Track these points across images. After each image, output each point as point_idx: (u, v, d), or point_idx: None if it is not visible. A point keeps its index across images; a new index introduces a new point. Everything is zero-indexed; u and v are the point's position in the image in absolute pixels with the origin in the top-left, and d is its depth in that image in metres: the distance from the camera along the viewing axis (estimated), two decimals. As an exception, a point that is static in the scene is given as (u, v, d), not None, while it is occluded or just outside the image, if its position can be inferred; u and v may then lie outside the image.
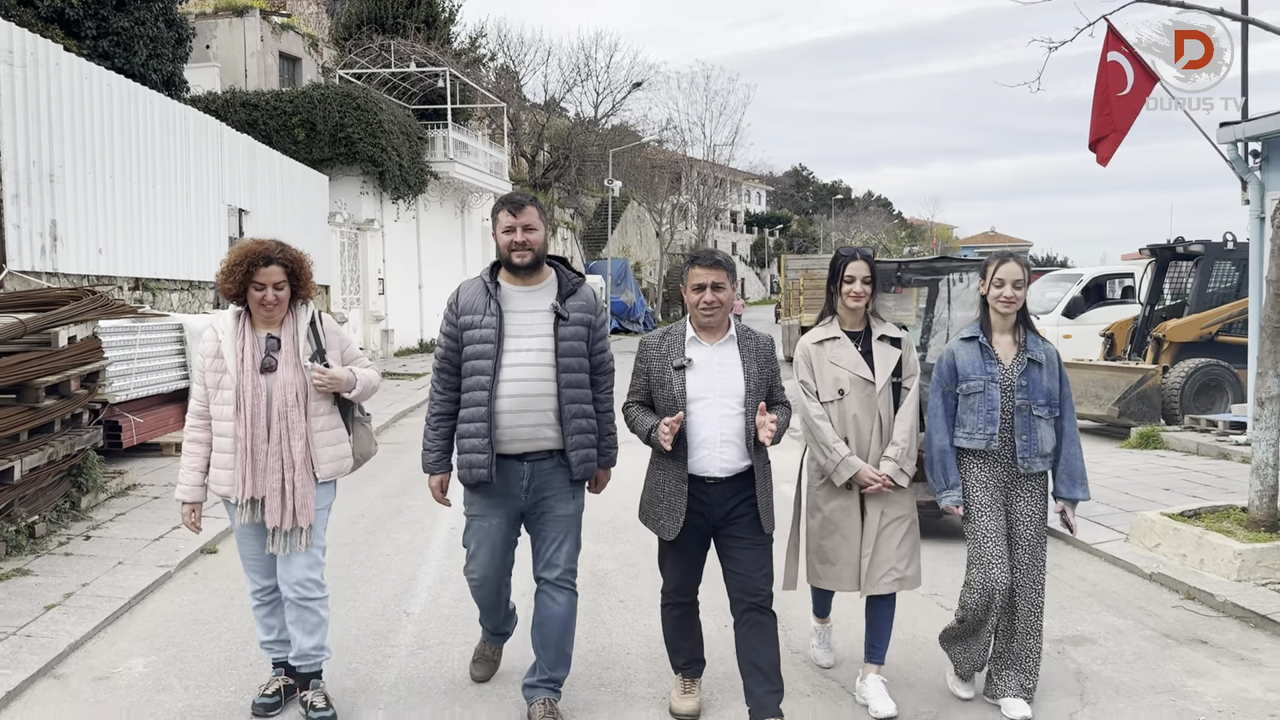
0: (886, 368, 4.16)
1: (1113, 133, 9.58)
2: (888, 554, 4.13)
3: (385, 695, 4.35)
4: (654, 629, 5.19)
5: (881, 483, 4.08)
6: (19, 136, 9.91)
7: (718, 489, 3.91)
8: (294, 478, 3.93)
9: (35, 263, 10.18)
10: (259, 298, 3.92)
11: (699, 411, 3.89)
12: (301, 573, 4.01)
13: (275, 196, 17.26)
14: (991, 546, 4.07)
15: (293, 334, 4.01)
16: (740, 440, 3.90)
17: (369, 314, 22.45)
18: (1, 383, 6.20)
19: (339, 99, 21.57)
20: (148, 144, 12.65)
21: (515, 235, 3.90)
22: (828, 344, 4.22)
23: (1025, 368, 4.10)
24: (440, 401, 4.02)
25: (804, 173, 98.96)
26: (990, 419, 4.07)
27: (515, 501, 3.96)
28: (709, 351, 3.95)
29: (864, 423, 4.15)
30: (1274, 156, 9.59)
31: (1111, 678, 4.56)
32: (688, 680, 4.19)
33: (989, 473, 4.13)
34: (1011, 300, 4.10)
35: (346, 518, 7.44)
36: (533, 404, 3.88)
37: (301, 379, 3.97)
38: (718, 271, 3.91)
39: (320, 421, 4.03)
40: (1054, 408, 4.12)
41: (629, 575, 6.09)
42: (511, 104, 36.69)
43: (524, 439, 3.89)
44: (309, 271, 4.08)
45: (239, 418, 3.90)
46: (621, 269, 40.98)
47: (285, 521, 3.93)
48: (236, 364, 3.92)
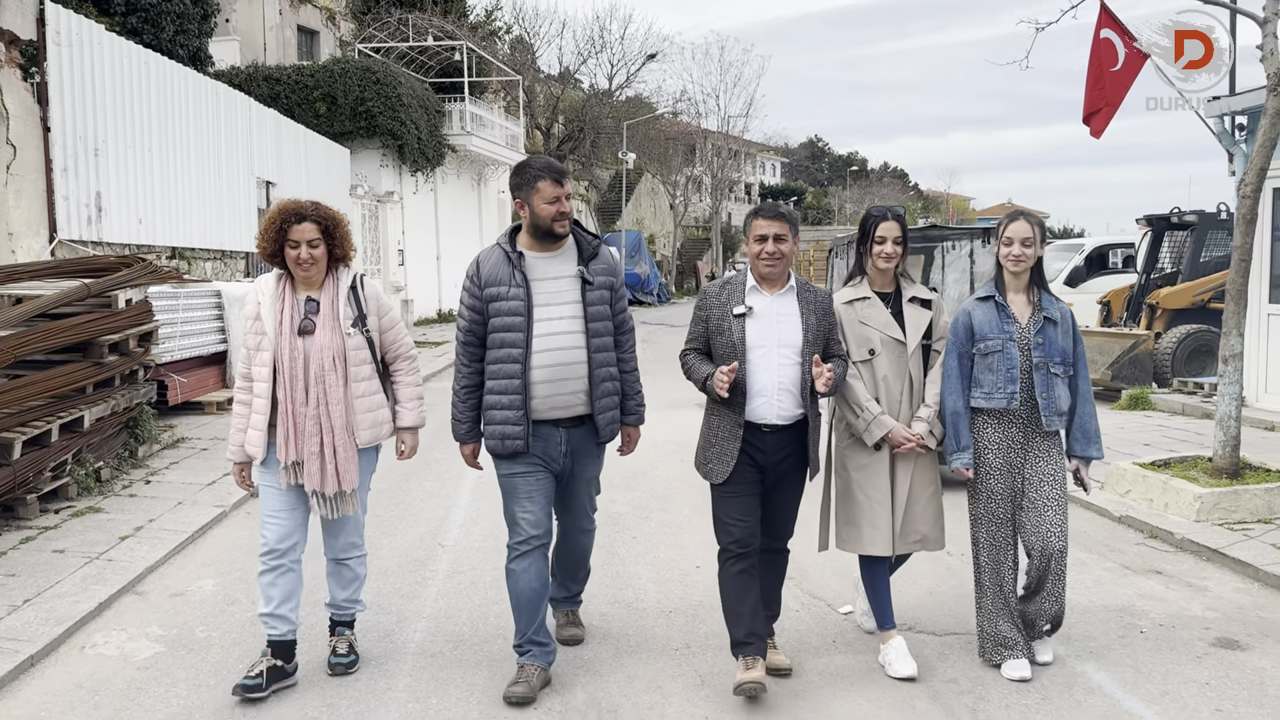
0: (918, 329, 4.18)
1: (1105, 106, 10.01)
2: (915, 516, 4.19)
3: (428, 607, 4.95)
4: (662, 558, 5.79)
5: (915, 443, 4.11)
6: (66, 113, 10.50)
7: (774, 437, 3.98)
8: (334, 441, 3.94)
9: (82, 232, 10.79)
10: (294, 256, 3.90)
11: (757, 360, 3.94)
12: (345, 537, 4.18)
13: (300, 169, 17.83)
14: (996, 507, 4.15)
15: (332, 297, 4.01)
16: (796, 389, 3.95)
17: (389, 284, 23.05)
18: (70, 340, 6.81)
19: (359, 73, 22.06)
20: (182, 119, 13.22)
21: (561, 205, 3.91)
22: (858, 304, 4.21)
23: (1041, 326, 4.12)
24: (469, 374, 4.04)
25: (819, 144, 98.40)
26: (1010, 378, 4.08)
27: (554, 465, 4.03)
28: (769, 301, 3.99)
29: (894, 384, 4.17)
30: (1258, 130, 10.02)
31: (1070, 599, 5.12)
32: (750, 659, 3.89)
33: (1003, 434, 4.15)
34: (1020, 258, 4.10)
35: (380, 467, 8.04)
36: (567, 372, 3.93)
37: (340, 342, 3.96)
38: (780, 223, 3.96)
39: (360, 387, 4.02)
40: (1069, 366, 4.15)
41: (641, 517, 6.67)
42: (526, 76, 37.08)
43: (561, 406, 3.95)
44: (346, 230, 4.06)
45: (279, 380, 3.91)
46: (635, 241, 41.44)
47: (327, 485, 3.95)
48: (275, 326, 3.93)
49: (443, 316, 25.42)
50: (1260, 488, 6.35)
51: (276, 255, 3.95)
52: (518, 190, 3.98)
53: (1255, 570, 5.40)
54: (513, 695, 3.87)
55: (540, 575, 4.01)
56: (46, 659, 4.30)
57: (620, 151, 42.50)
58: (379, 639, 4.57)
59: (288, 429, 3.90)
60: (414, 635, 4.63)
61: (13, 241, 9.73)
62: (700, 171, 53.78)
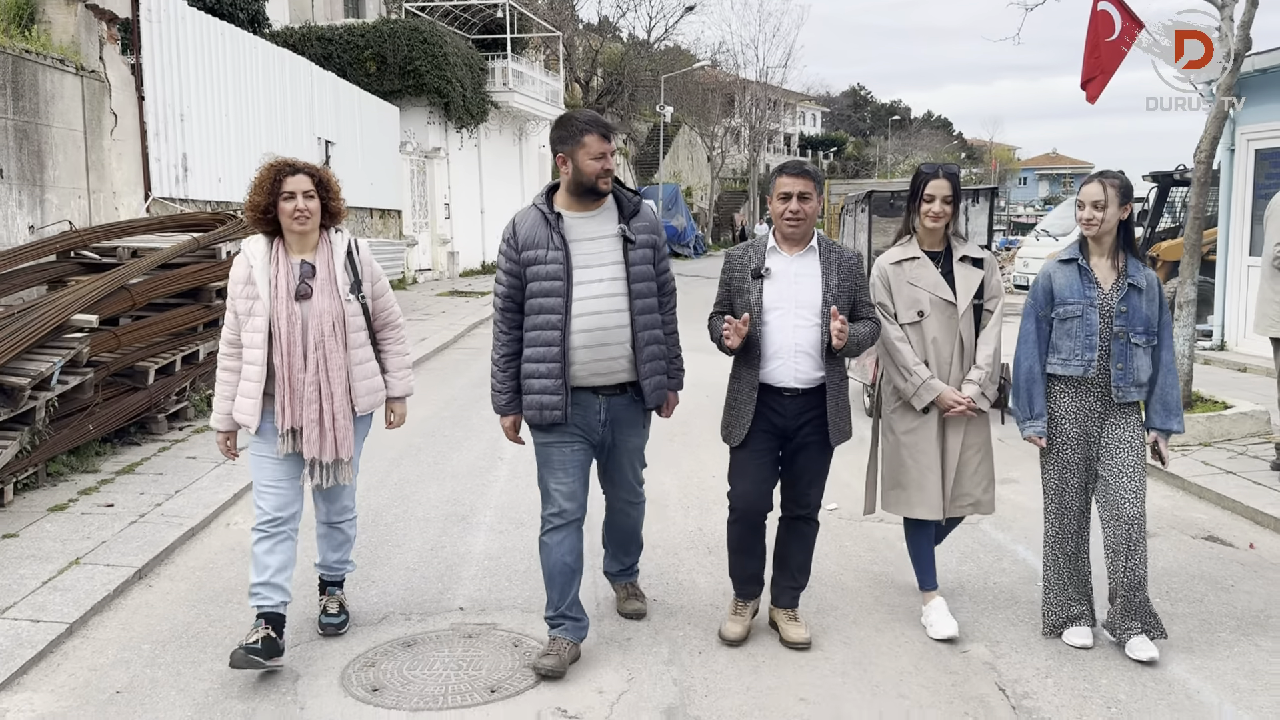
0: (969, 289, 4.07)
1: (1100, 74, 10.82)
2: (965, 480, 4.14)
3: (490, 510, 6.12)
4: (684, 468, 6.90)
5: (966, 406, 4.02)
6: (157, 83, 11.67)
7: (793, 401, 3.90)
8: (333, 409, 3.83)
9: (171, 190, 12.00)
10: (290, 209, 3.77)
11: (773, 321, 3.86)
12: (339, 503, 4.13)
13: (355, 128, 18.94)
14: (1070, 476, 4.05)
15: (328, 260, 3.90)
16: (815, 352, 3.86)
17: (436, 237, 24.21)
18: (185, 287, 8.03)
19: (407, 33, 23.03)
20: (252, 84, 14.37)
21: (607, 162, 3.76)
22: (906, 264, 4.11)
23: (1125, 293, 3.95)
24: (508, 341, 3.88)
25: (862, 92, 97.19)
26: (1089, 345, 3.94)
27: (593, 435, 3.89)
28: (788, 262, 3.91)
29: (944, 346, 4.07)
30: (1245, 97, 10.79)
31: (1012, 507, 6.17)
32: (740, 602, 4.18)
33: (1080, 403, 4.02)
34: (1090, 221, 3.94)
35: (440, 402, 9.28)
36: (609, 336, 3.77)
37: (339, 307, 3.85)
38: (804, 180, 3.85)
39: (357, 354, 3.94)
40: (1152, 335, 3.97)
41: (665, 439, 7.79)
42: (566, 29, 37.79)
43: (601, 373, 3.80)
44: (336, 186, 3.97)
45: (275, 346, 3.77)
46: (673, 194, 42.25)
47: (326, 453, 3.85)
48: (270, 290, 3.78)
49: (486, 268, 26.55)
50: (1203, 416, 7.35)
51: (269, 211, 3.82)
52: (561, 144, 3.78)
53: (1183, 481, 6.43)
54: (542, 667, 3.79)
55: (573, 550, 3.89)
56: (203, 530, 5.53)
57: (658, 105, 43.15)
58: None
59: (284, 396, 3.79)
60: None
61: (116, 199, 10.94)
62: (739, 123, 54.22)
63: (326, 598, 4.26)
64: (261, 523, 3.91)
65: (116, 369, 7.00)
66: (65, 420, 6.33)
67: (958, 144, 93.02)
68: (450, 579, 4.89)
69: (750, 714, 3.58)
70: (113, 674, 3.87)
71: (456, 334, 13.90)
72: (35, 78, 9.29)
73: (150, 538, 5.22)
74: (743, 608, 4.17)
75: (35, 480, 6.03)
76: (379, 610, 4.48)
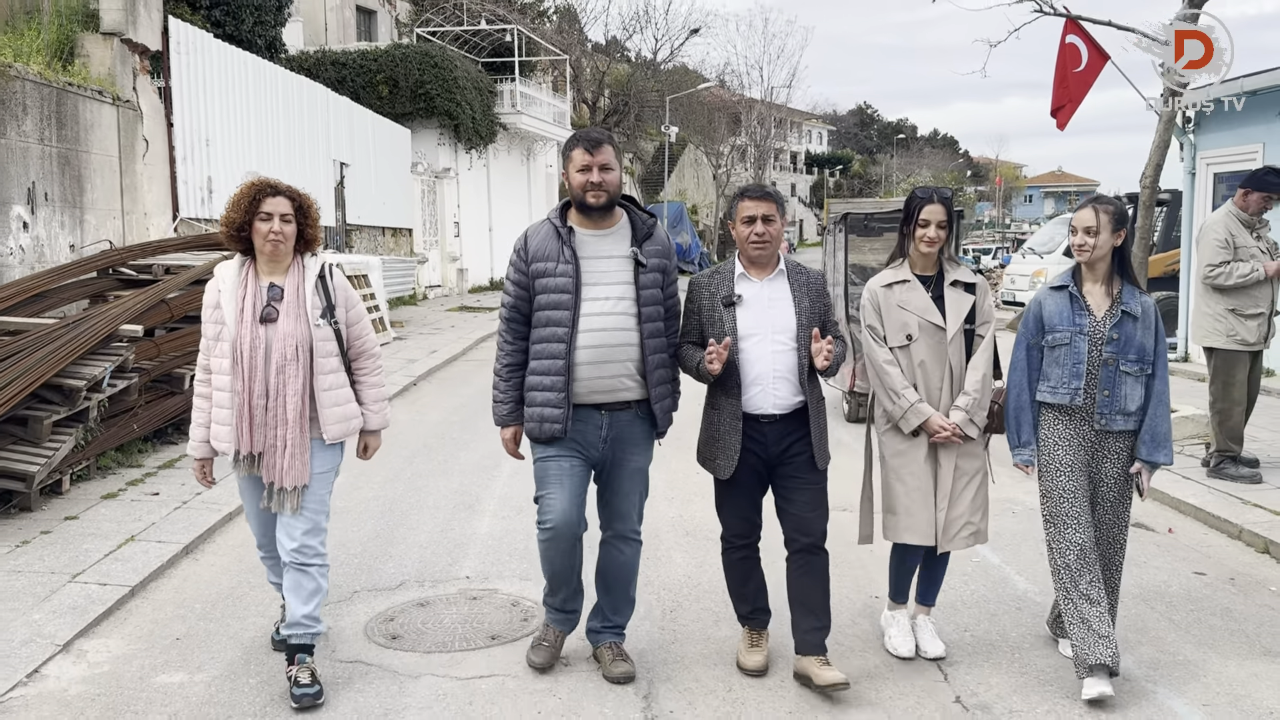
0: (959, 314, 4.04)
1: (1069, 102, 11.53)
2: (961, 509, 4.04)
3: (494, 500, 6.81)
4: (673, 466, 7.55)
5: (951, 432, 3.97)
6: (184, 110, 12.46)
7: (773, 427, 3.87)
8: (287, 434, 3.74)
9: (196, 211, 12.77)
10: (265, 230, 3.72)
11: (750, 349, 3.83)
12: (300, 538, 3.84)
13: (368, 150, 19.75)
14: (1069, 507, 3.92)
15: (297, 284, 3.83)
16: (794, 376, 3.85)
17: (446, 254, 25.00)
18: (216, 300, 8.74)
19: (419, 58, 23.87)
20: (272, 110, 15.18)
21: (591, 175, 3.72)
22: (897, 287, 4.09)
23: (1118, 320, 3.87)
24: (511, 352, 3.88)
25: (868, 111, 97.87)
26: (1075, 373, 3.89)
27: (593, 451, 3.86)
28: (759, 287, 3.89)
29: (933, 371, 4.04)
30: (1204, 123, 11.51)
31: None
32: (754, 633, 4.13)
33: (1073, 430, 3.95)
34: (1082, 247, 3.88)
35: (449, 408, 10.03)
36: (614, 354, 3.76)
37: (304, 331, 3.77)
38: (767, 203, 3.84)
39: (327, 380, 3.83)
40: (1145, 364, 3.88)
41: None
42: (573, 51, 38.69)
43: (603, 390, 3.79)
44: (316, 213, 3.92)
45: (236, 370, 3.72)
46: (677, 211, 43.05)
47: (282, 478, 3.77)
48: (236, 314, 3.73)
49: (494, 284, 27.29)
50: (1148, 420, 7.99)
51: (244, 229, 3.77)
52: (562, 162, 3.89)
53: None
54: (534, 662, 4.05)
55: (569, 554, 3.92)
56: (238, 515, 6.12)
57: (663, 125, 44.00)
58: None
59: (244, 420, 3.73)
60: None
61: (147, 220, 11.69)
62: (744, 142, 55.07)
63: (296, 667, 3.85)
64: (259, 545, 4.15)
65: (156, 374, 7.72)
66: (113, 420, 7.05)
67: (963, 162, 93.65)
68: (458, 554, 5.59)
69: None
70: (171, 625, 4.57)
71: (465, 347, 14.63)
72: (76, 108, 10.07)
73: (194, 520, 5.92)
74: (758, 637, 4.13)
75: (88, 472, 6.75)
76: (396, 578, 5.18)
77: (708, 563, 5.39)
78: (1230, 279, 6.52)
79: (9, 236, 8.95)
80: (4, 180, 8.85)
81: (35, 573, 5.05)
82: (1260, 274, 6.48)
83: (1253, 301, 6.56)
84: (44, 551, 5.35)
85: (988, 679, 4.07)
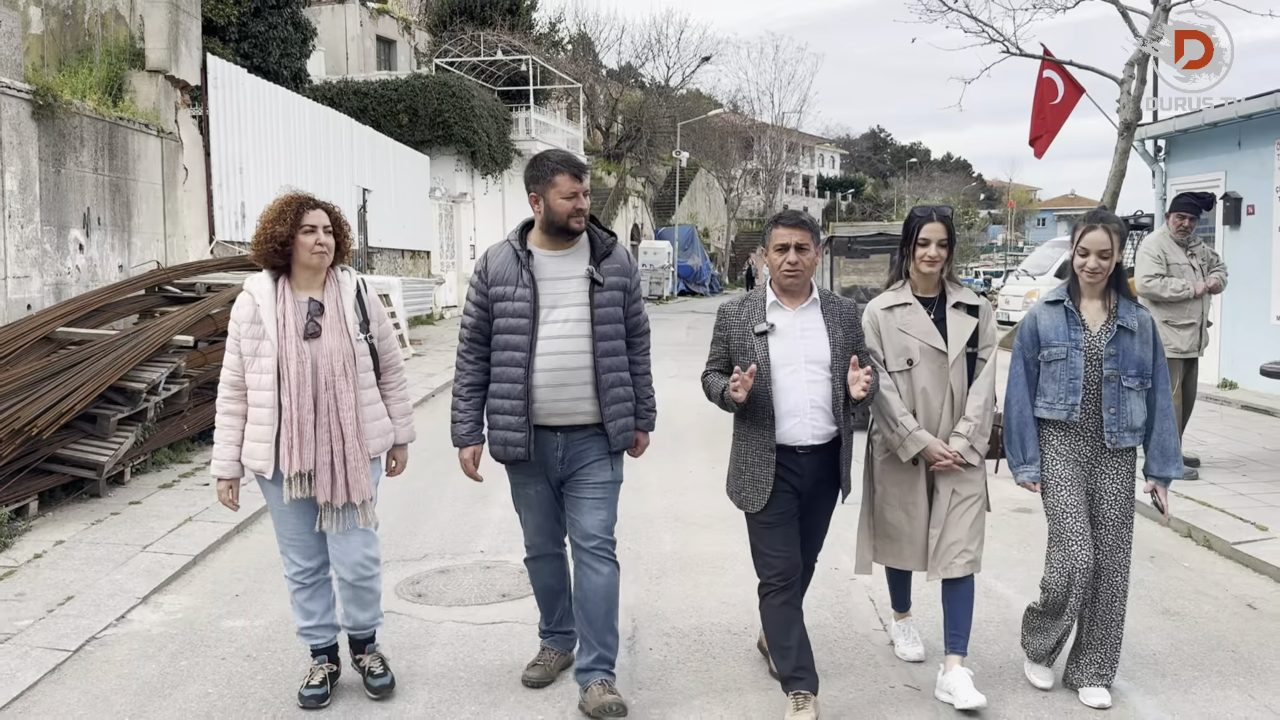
0: (961, 338, 3.95)
1: (1046, 133, 12.36)
2: (959, 534, 3.93)
3: (505, 492, 7.55)
4: (667, 468, 8.30)
5: (952, 460, 3.89)
6: (220, 140, 13.39)
7: (809, 459, 3.77)
8: (344, 449, 3.72)
9: (231, 234, 13.67)
10: (311, 243, 3.71)
11: (784, 379, 3.73)
12: (359, 553, 3.87)
13: (389, 176, 20.70)
14: (1071, 522, 3.86)
15: (336, 298, 3.82)
16: (829, 406, 3.75)
17: (462, 276, 25.88)
18: (254, 315, 9.58)
19: (437, 88, 24.90)
20: (300, 139, 16.12)
21: (579, 201, 3.73)
22: (898, 310, 4.02)
23: (1115, 335, 3.84)
24: (472, 372, 3.86)
25: (882, 134, 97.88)
26: (1073, 389, 3.85)
27: (552, 472, 3.86)
28: (791, 317, 3.79)
29: (934, 396, 3.96)
30: (1174, 152, 12.26)
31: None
32: (800, 697, 3.71)
33: (1070, 445, 3.91)
34: (1096, 271, 3.84)
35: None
36: (570, 377, 3.74)
37: (349, 346, 3.77)
38: (802, 232, 3.74)
39: (367, 395, 3.87)
40: (1145, 379, 3.86)
41: (656, 445, 9.24)
42: (587, 78, 39.80)
43: (560, 413, 3.77)
44: (348, 225, 3.95)
45: (284, 387, 3.67)
46: (688, 235, 43.96)
47: (337, 497, 3.73)
48: (277, 329, 3.69)
49: (509, 304, 28.19)
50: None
51: (288, 244, 3.73)
52: (533, 184, 3.78)
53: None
54: (529, 679, 4.08)
55: (556, 574, 4.07)
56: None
57: (674, 150, 44.96)
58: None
59: (292, 438, 3.67)
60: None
61: (186, 242, 12.59)
62: (755, 166, 56.01)
63: (368, 657, 4.04)
64: (294, 574, 3.94)
65: (202, 381, 8.55)
66: (166, 420, 7.88)
67: (977, 185, 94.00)
68: (474, 534, 6.38)
69: (686, 611, 4.97)
70: (231, 585, 5.38)
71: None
72: (126, 140, 10.98)
73: (243, 504, 6.69)
74: (805, 703, 3.69)
75: (145, 466, 7.57)
76: (421, 551, 5.99)
77: (694, 543, 6.17)
78: (1165, 291, 7.25)
79: (68, 257, 9.84)
80: (64, 207, 9.75)
81: (111, 544, 5.88)
82: (1190, 292, 7.22)
83: (1185, 314, 7.29)
84: (116, 529, 6.19)
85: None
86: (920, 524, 4.01)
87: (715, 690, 4.14)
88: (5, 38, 8.95)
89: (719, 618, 4.93)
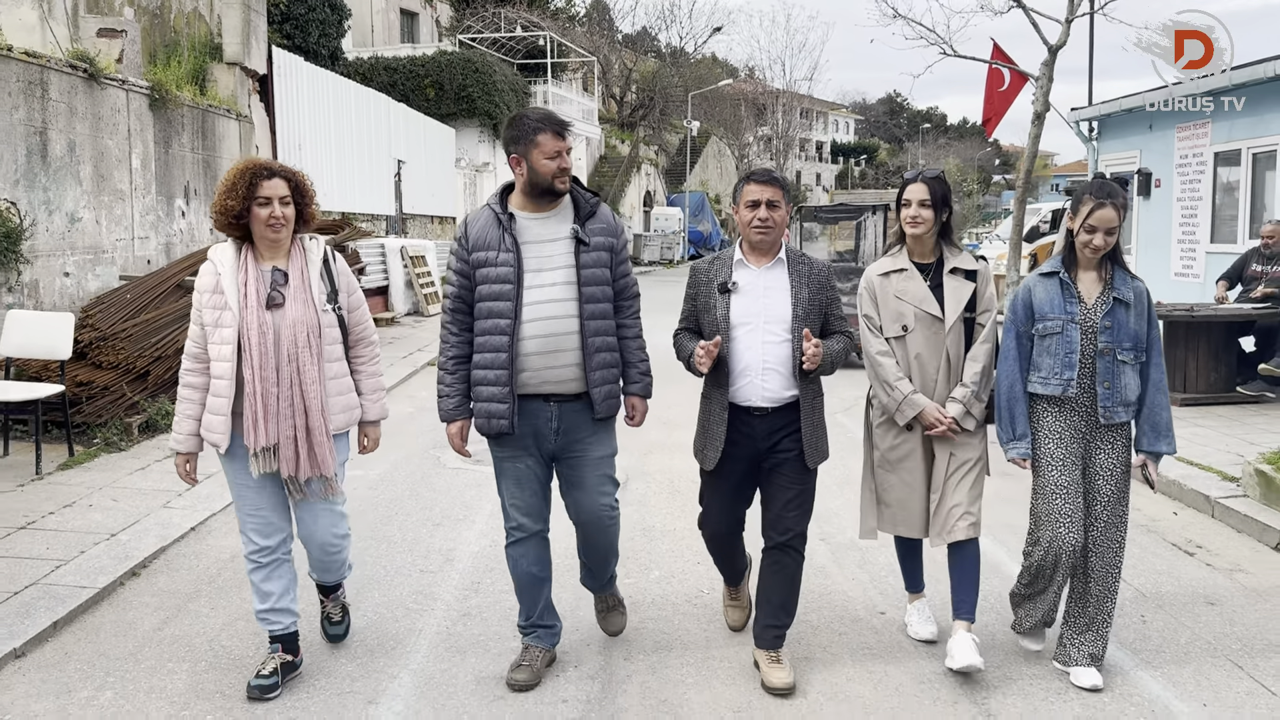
0: (958, 303, 3.88)
1: (995, 115, 14.30)
2: (959, 498, 3.88)
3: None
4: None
5: (947, 425, 3.83)
6: (283, 120, 15.50)
7: (763, 421, 3.73)
8: (308, 424, 3.60)
9: (292, 202, 15.82)
10: (265, 215, 3.55)
11: (742, 337, 3.70)
12: (327, 534, 3.82)
13: (420, 148, 22.75)
14: (1061, 503, 3.76)
15: (301, 268, 3.66)
16: (785, 368, 3.70)
17: (486, 239, 27.97)
18: (326, 270, 11.64)
19: (461, 63, 26.83)
20: (347, 117, 18.22)
21: (563, 161, 3.59)
22: (894, 276, 3.96)
23: (1110, 308, 3.72)
24: (456, 344, 3.71)
25: (898, 99, 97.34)
26: (1068, 363, 3.72)
27: (545, 443, 3.71)
28: (755, 275, 3.75)
29: (929, 362, 3.88)
30: (1105, 132, 14.20)
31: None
32: (734, 589, 4.29)
33: (1065, 422, 3.79)
34: (1100, 249, 3.70)
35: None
36: (560, 343, 3.61)
37: (313, 317, 3.62)
38: (773, 188, 3.71)
39: (332, 367, 3.70)
40: (1140, 352, 3.74)
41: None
42: (601, 50, 41.51)
43: (552, 380, 3.63)
44: (311, 191, 3.75)
45: (245, 359, 3.53)
46: (699, 201, 45.79)
47: (301, 471, 3.64)
48: (239, 299, 3.56)
49: (529, 266, 30.23)
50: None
51: (242, 217, 3.59)
52: (513, 145, 3.63)
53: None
54: (515, 682, 3.79)
55: (539, 560, 3.85)
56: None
57: (686, 119, 46.63)
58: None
59: (256, 411, 3.54)
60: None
61: (257, 209, 14.74)
62: (768, 132, 57.38)
63: (330, 603, 4.10)
64: (251, 553, 3.76)
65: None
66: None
67: (992, 150, 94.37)
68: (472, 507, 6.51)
69: None
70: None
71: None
72: (214, 124, 13.10)
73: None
74: (737, 593, 4.31)
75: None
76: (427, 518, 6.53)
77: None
78: None
79: (174, 222, 12.00)
80: (172, 180, 11.90)
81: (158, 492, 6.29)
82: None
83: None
84: (164, 474, 6.65)
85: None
86: (919, 490, 3.97)
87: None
88: (130, 45, 11.01)
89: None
